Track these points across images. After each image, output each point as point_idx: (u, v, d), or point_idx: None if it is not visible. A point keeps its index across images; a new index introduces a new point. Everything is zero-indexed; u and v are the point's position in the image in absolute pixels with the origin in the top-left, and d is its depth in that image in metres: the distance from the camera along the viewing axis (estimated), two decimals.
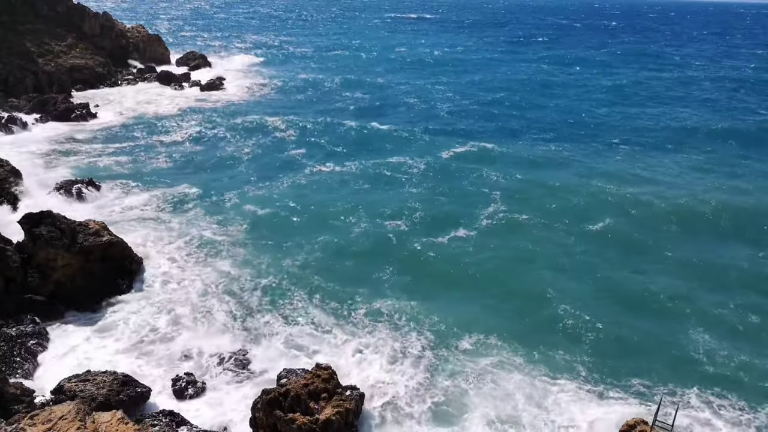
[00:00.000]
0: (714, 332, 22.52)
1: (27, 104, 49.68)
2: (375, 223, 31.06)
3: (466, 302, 23.96)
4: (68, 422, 13.20)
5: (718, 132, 51.62)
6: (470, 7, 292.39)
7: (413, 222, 31.36)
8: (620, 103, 64.20)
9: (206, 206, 32.48)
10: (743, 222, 32.25)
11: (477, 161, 41.66)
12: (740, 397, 19.23)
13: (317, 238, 29.13)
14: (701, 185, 37.92)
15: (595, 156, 44.13)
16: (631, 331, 22.47)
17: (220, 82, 67.22)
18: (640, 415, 17.13)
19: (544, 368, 20.20)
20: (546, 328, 22.44)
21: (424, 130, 49.92)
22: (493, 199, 34.60)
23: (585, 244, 29.41)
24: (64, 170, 36.65)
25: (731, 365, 20.76)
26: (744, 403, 18.99)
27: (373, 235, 29.75)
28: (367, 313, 23.03)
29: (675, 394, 19.25)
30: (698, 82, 79.56)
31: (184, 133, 46.46)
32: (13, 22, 59.23)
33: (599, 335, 22.12)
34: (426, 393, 18.80)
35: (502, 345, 21.30)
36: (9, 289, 22.13)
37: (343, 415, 16.55)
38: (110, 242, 24.45)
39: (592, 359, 20.82)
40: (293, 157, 42.31)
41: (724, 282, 26.46)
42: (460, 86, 71.97)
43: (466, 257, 27.80)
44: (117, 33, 71.88)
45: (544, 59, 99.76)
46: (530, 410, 18.26)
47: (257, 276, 25.44)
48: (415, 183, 37.22)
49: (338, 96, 64.49)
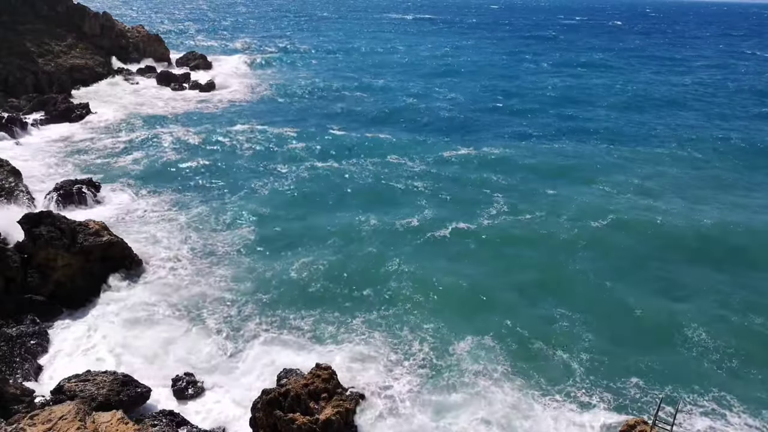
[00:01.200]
0: (714, 333, 22.52)
1: (27, 104, 49.68)
2: (376, 223, 31.03)
3: (465, 305, 23.91)
4: (68, 422, 13.21)
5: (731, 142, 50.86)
6: (473, 8, 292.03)
7: (415, 221, 31.36)
8: (625, 107, 63.66)
9: (207, 207, 32.45)
10: (745, 231, 32.07)
11: (479, 164, 41.68)
12: (740, 397, 19.24)
13: (318, 239, 29.13)
14: (705, 193, 37.85)
15: (598, 160, 44.03)
16: (631, 332, 22.49)
17: (220, 82, 67.19)
18: (640, 416, 17.15)
19: (543, 369, 20.20)
20: (545, 330, 22.41)
21: (426, 132, 49.94)
22: (494, 202, 34.58)
23: (585, 248, 29.38)
24: (63, 170, 36.65)
25: (731, 366, 20.79)
26: (744, 403, 19.00)
27: (374, 235, 29.73)
28: (366, 314, 23.02)
29: (675, 394, 19.26)
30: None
31: (184, 133, 46.41)
32: (13, 22, 59.24)
33: (599, 336, 22.12)
34: (425, 393, 18.78)
35: (500, 347, 21.27)
36: (9, 289, 22.15)
37: (343, 415, 16.56)
38: (110, 242, 24.46)
39: (592, 360, 20.82)
40: (294, 157, 42.28)
41: (724, 283, 26.49)
42: (462, 87, 71.98)
43: (465, 259, 27.84)
44: (117, 33, 71.88)
45: (546, 60, 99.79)
46: (529, 411, 18.25)
47: (257, 276, 25.43)
48: (415, 183, 37.20)
49: (339, 97, 64.43)
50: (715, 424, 18.13)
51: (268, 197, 34.40)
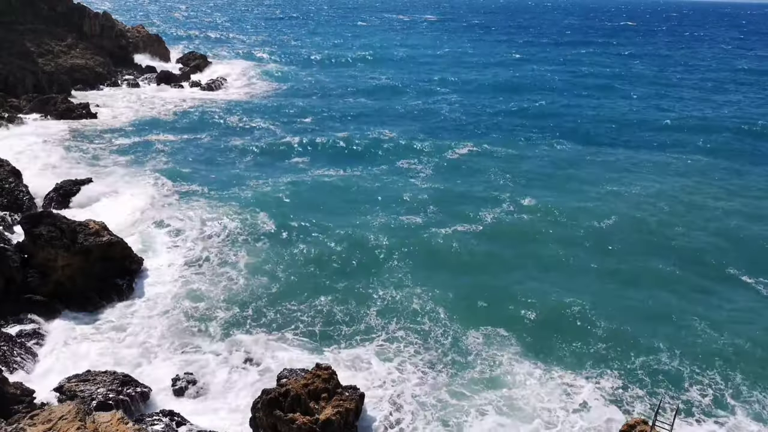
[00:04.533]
0: (714, 333, 22.53)
1: (27, 104, 49.64)
2: (377, 225, 31.06)
3: (467, 304, 23.94)
4: (68, 422, 13.17)
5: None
6: (474, 9, 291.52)
7: (417, 221, 31.43)
8: (627, 108, 63.59)
9: (207, 207, 32.41)
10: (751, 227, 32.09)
11: (484, 163, 41.74)
12: (740, 397, 19.27)
13: (319, 238, 29.13)
14: (711, 188, 37.92)
15: (602, 158, 44.06)
16: (631, 332, 22.48)
17: (220, 82, 67.22)
18: (640, 416, 17.15)
19: (544, 369, 20.21)
20: (547, 329, 22.43)
21: (429, 133, 49.90)
22: (499, 200, 34.69)
23: (589, 245, 29.52)
24: (63, 170, 36.60)
25: (732, 366, 20.77)
26: (744, 403, 19.01)
27: (375, 236, 29.69)
28: (367, 313, 23.03)
29: (675, 394, 19.27)
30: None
31: (184, 133, 46.38)
32: (13, 22, 59.23)
33: (599, 336, 22.15)
34: (426, 393, 18.80)
35: (502, 346, 21.33)
36: (9, 289, 22.11)
37: (343, 415, 16.55)
38: (110, 242, 24.45)
39: (591, 360, 20.86)
40: (295, 157, 42.28)
41: (725, 284, 26.48)
42: (464, 88, 71.86)
43: (470, 257, 27.92)
44: (117, 33, 71.87)
45: (548, 61, 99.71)
46: (530, 411, 18.26)
47: (258, 276, 25.42)
48: (420, 182, 37.25)
49: (340, 97, 64.35)
50: (715, 424, 18.13)
51: (268, 197, 34.33)
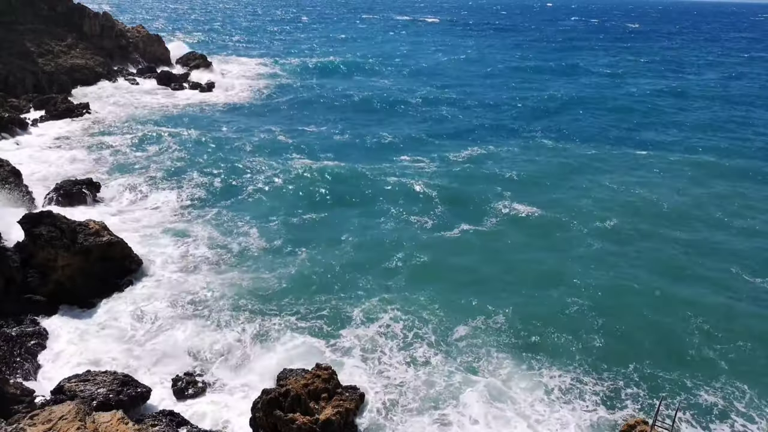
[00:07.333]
0: (715, 333, 22.51)
1: (27, 104, 49.65)
2: (378, 225, 31.08)
3: (468, 304, 23.92)
4: (68, 422, 13.19)
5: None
6: (476, 9, 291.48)
7: (417, 221, 31.45)
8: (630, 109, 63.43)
9: (207, 207, 32.44)
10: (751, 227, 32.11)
11: (486, 164, 41.71)
12: (740, 397, 19.25)
13: (321, 238, 29.13)
14: (715, 189, 37.92)
15: (608, 159, 44.06)
16: (631, 332, 22.48)
17: (220, 82, 67.13)
18: (640, 416, 17.16)
19: (543, 368, 20.21)
20: (546, 329, 22.41)
21: (429, 134, 49.83)
22: (500, 200, 34.68)
23: (588, 244, 29.48)
24: (63, 170, 36.60)
25: (732, 366, 20.76)
26: (744, 403, 19.00)
27: (375, 236, 29.74)
28: (367, 314, 22.99)
29: (675, 394, 19.27)
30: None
31: (184, 133, 46.33)
32: (13, 22, 59.21)
33: (599, 336, 22.13)
34: (426, 393, 18.79)
35: (501, 346, 21.32)
36: (9, 289, 22.12)
37: (343, 415, 16.56)
38: (110, 242, 24.46)
39: (592, 360, 20.83)
40: (295, 157, 42.18)
41: (725, 284, 26.47)
42: (466, 89, 71.91)
43: (470, 256, 27.90)
44: (117, 33, 71.83)
45: (549, 61, 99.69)
46: (529, 411, 18.26)
47: (258, 276, 25.40)
48: (417, 184, 37.08)
49: (341, 98, 64.18)
50: (715, 424, 18.13)
51: (269, 197, 34.34)
